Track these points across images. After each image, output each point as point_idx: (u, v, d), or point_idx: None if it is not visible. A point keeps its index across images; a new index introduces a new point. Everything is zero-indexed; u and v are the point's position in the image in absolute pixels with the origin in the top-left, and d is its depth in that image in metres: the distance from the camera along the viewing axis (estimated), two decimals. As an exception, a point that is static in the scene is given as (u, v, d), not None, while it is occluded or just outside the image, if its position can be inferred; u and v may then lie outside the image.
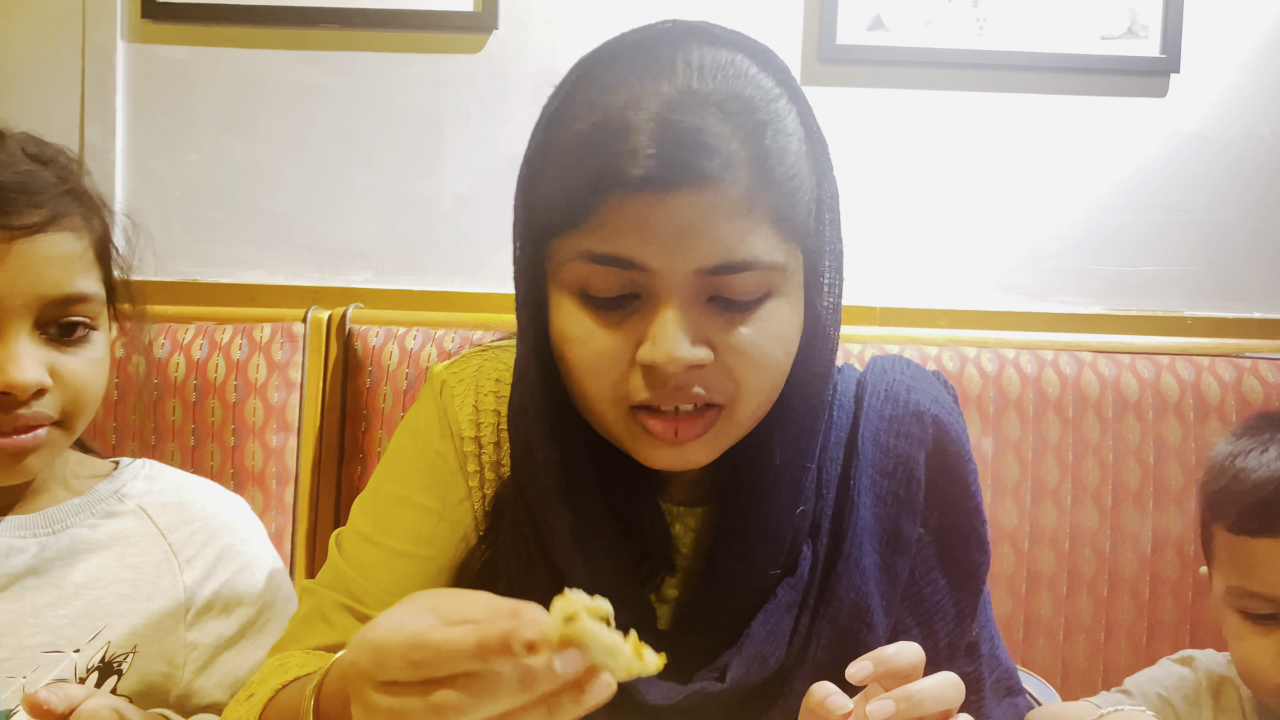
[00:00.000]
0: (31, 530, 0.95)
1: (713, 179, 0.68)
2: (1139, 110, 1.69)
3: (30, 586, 0.93)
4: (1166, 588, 1.45)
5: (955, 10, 1.67)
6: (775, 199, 0.70)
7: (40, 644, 0.92)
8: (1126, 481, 1.46)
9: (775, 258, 0.71)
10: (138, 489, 1.00)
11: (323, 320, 1.58)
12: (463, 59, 1.70)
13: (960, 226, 1.71)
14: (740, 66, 0.72)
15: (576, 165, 0.70)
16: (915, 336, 1.58)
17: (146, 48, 1.72)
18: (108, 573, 0.96)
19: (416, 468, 0.87)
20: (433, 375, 0.89)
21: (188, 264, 1.73)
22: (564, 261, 0.72)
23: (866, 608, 0.78)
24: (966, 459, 0.84)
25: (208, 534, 0.99)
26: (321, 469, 1.55)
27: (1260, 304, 1.71)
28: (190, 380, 1.48)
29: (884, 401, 0.83)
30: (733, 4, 1.66)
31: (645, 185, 0.68)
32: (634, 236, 0.69)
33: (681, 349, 0.69)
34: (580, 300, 0.72)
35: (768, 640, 0.77)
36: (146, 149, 1.73)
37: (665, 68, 0.70)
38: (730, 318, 0.71)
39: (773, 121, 0.71)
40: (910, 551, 0.81)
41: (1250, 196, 1.70)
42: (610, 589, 0.75)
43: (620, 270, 0.70)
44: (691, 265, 0.69)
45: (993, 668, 0.87)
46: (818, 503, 0.80)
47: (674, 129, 0.68)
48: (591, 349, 0.72)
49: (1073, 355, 1.51)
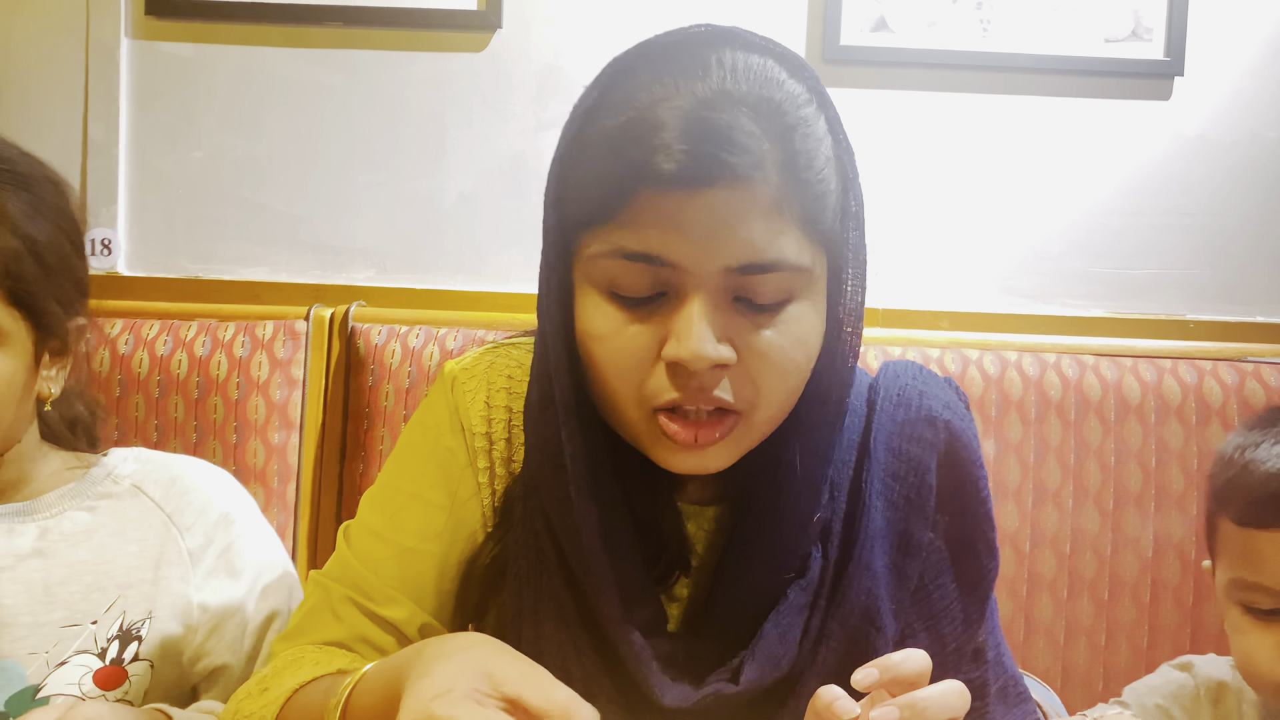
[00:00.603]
0: (29, 515, 0.97)
1: (744, 177, 0.68)
2: (1143, 113, 1.69)
3: (37, 568, 0.95)
4: (1167, 591, 1.45)
5: (959, 12, 1.67)
6: (804, 201, 0.71)
7: (58, 620, 0.95)
8: (1128, 484, 1.46)
9: (802, 260, 0.71)
10: (129, 469, 1.02)
11: (325, 318, 1.58)
12: (466, 57, 1.70)
13: (963, 228, 1.71)
14: (772, 72, 0.72)
15: (608, 161, 0.71)
16: (917, 338, 1.58)
17: (150, 44, 1.72)
18: (111, 547, 0.98)
19: (426, 463, 0.87)
20: (444, 372, 0.90)
21: (190, 261, 1.73)
22: (593, 258, 0.72)
23: (876, 610, 0.78)
24: (978, 465, 0.84)
25: (202, 502, 1.01)
26: (323, 467, 1.55)
27: (1263, 308, 1.71)
28: (193, 377, 1.48)
29: (896, 406, 0.83)
30: (736, 6, 1.66)
31: (676, 181, 0.68)
32: (664, 233, 0.69)
33: (707, 346, 0.69)
34: (608, 297, 0.73)
35: (780, 642, 0.77)
36: (150, 146, 1.73)
37: (699, 68, 0.71)
38: (754, 319, 0.72)
39: (802, 125, 0.71)
40: (920, 555, 0.81)
41: (1253, 200, 1.70)
42: (626, 587, 0.76)
43: (649, 267, 0.70)
44: (720, 263, 0.69)
45: (998, 674, 0.86)
46: (830, 506, 0.80)
47: (707, 126, 0.68)
48: (617, 346, 0.72)
49: (1075, 358, 1.51)
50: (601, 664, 0.78)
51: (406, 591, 0.84)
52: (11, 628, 0.94)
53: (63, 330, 0.96)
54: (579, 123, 0.74)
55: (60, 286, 0.94)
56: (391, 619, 0.83)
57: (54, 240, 0.94)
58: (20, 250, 0.91)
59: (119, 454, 1.04)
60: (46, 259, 0.93)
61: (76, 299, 0.97)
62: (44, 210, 0.94)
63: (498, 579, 0.83)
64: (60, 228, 0.95)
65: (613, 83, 0.73)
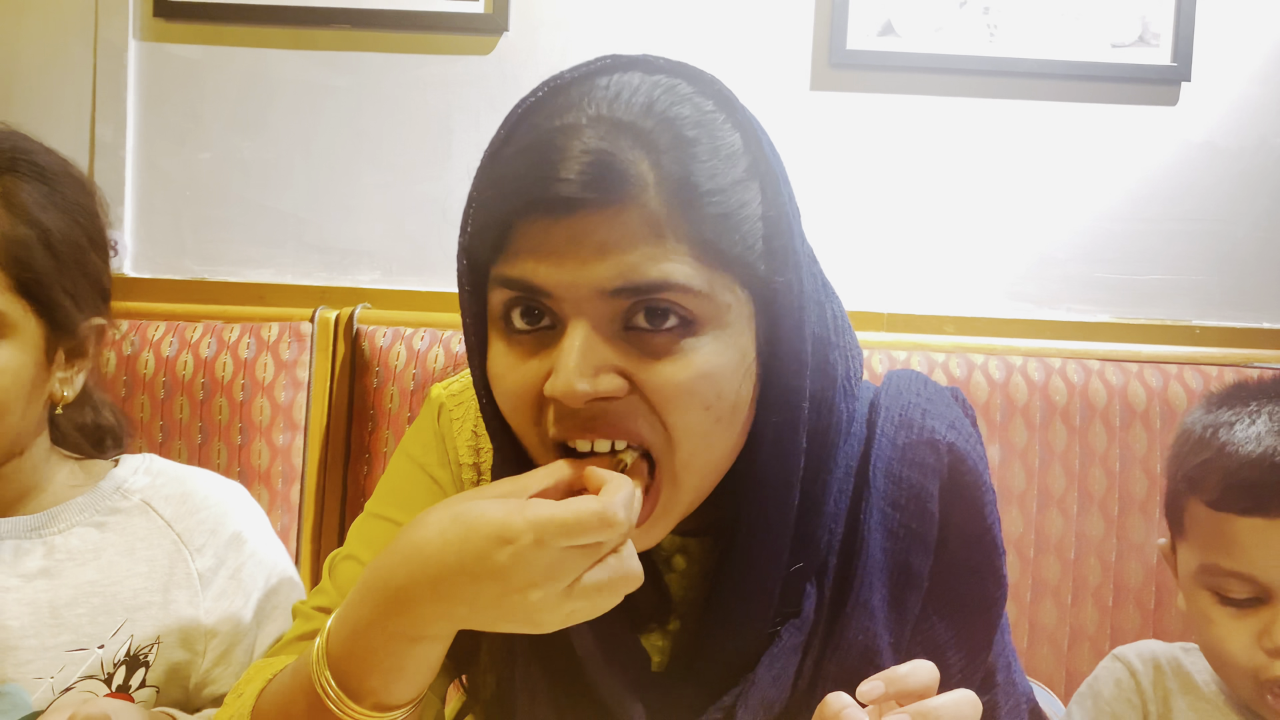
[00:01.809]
0: (36, 530, 0.94)
1: (615, 200, 0.65)
2: (1149, 118, 1.69)
3: (44, 589, 0.93)
4: (1171, 598, 1.44)
5: (966, 16, 1.67)
6: (697, 223, 0.67)
7: (64, 643, 0.92)
8: (1133, 491, 1.45)
9: (694, 284, 0.66)
10: (140, 484, 0.99)
11: (330, 320, 1.58)
12: (473, 60, 1.70)
13: (969, 233, 1.70)
14: (676, 90, 0.69)
15: (495, 197, 0.70)
16: (923, 343, 1.57)
17: (158, 46, 1.73)
18: (120, 568, 0.95)
19: (414, 494, 0.85)
20: (431, 397, 0.88)
21: (196, 262, 1.74)
22: (491, 296, 0.71)
23: (875, 649, 0.75)
24: (984, 489, 0.80)
25: (214, 522, 0.99)
26: (328, 468, 1.55)
27: (1269, 314, 1.70)
28: (198, 378, 1.48)
29: (897, 428, 0.79)
30: (743, 9, 1.66)
31: (549, 208, 0.66)
32: (536, 259, 0.67)
33: (577, 380, 0.65)
34: (504, 335, 0.71)
35: (774, 685, 0.74)
36: (157, 147, 1.73)
37: (587, 97, 0.69)
38: (648, 349, 0.67)
39: (703, 142, 0.68)
40: (922, 586, 0.77)
41: (1260, 206, 1.70)
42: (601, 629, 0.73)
43: (525, 295, 0.68)
44: (592, 287, 0.66)
45: (1009, 695, 0.83)
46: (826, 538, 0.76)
47: (578, 152, 0.66)
48: (509, 388, 0.70)
49: (1080, 363, 1.50)
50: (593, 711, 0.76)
51: None
52: (17, 651, 0.91)
53: (76, 328, 0.93)
54: (482, 163, 0.73)
55: (73, 281, 0.92)
56: None
57: (69, 234, 0.91)
58: (30, 239, 0.89)
59: (130, 464, 1.01)
60: (59, 251, 0.90)
61: (93, 298, 0.94)
62: (61, 203, 0.92)
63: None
64: (78, 223, 0.93)
65: (516, 122, 0.73)
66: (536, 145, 0.68)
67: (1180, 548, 0.97)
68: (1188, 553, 0.96)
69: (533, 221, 0.67)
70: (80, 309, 0.93)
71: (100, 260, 0.96)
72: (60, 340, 0.92)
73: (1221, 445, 0.92)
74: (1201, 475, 0.93)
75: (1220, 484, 0.91)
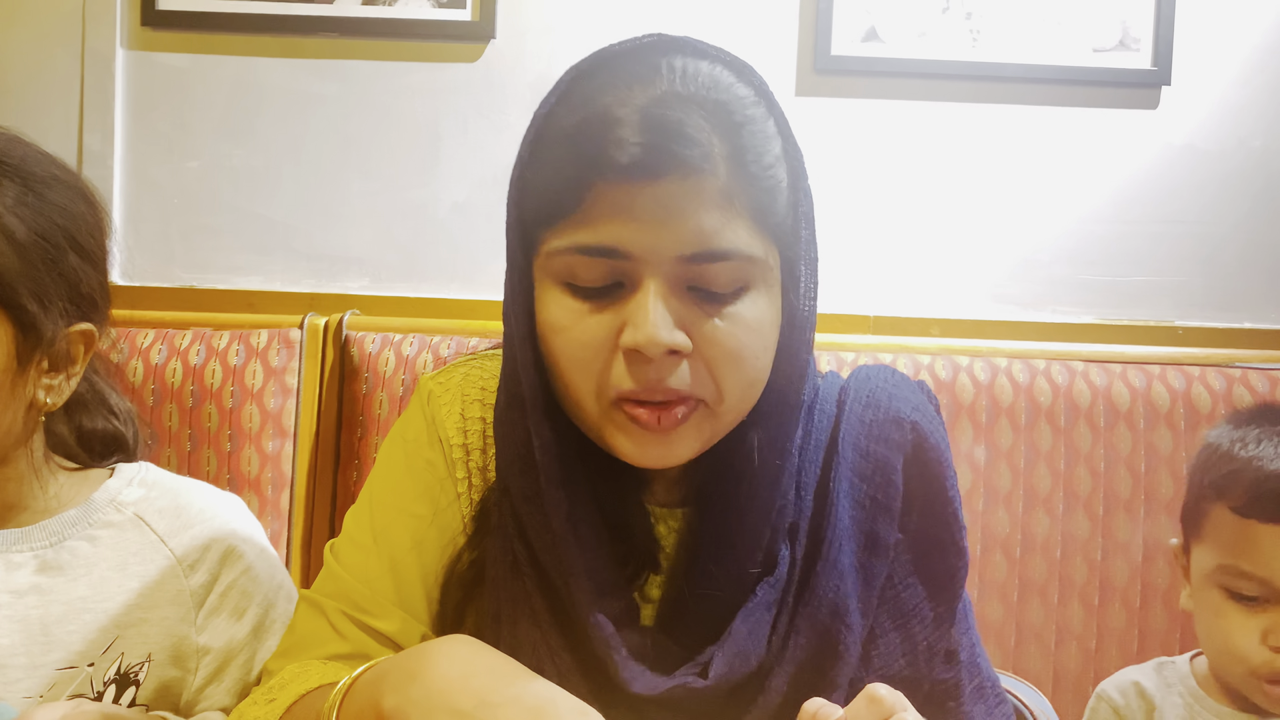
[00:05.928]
0: (28, 544, 0.93)
1: (695, 169, 0.71)
2: (1131, 122, 1.70)
3: (34, 605, 0.91)
4: (1157, 595, 1.46)
5: (949, 22, 1.69)
6: (754, 194, 0.74)
7: (54, 661, 0.91)
8: (1118, 490, 1.47)
9: (754, 250, 0.74)
10: (133, 496, 0.97)
11: (319, 327, 1.58)
12: (460, 68, 1.71)
13: (953, 236, 1.72)
14: (719, 76, 0.75)
15: (565, 158, 0.74)
16: (908, 345, 1.59)
17: (146, 55, 1.73)
18: (112, 584, 0.94)
19: (408, 475, 0.88)
20: (420, 386, 0.91)
21: (185, 270, 1.74)
22: (552, 253, 0.75)
23: (845, 607, 0.80)
24: (945, 466, 0.85)
25: (208, 537, 0.97)
26: (317, 475, 1.56)
27: (1251, 314, 1.72)
28: (187, 385, 1.48)
29: (865, 407, 0.85)
30: (728, 14, 1.67)
31: (630, 173, 0.71)
32: (619, 223, 0.71)
33: (662, 331, 0.71)
34: (566, 290, 0.75)
35: (749, 638, 0.78)
36: (145, 155, 1.74)
37: (651, 72, 0.74)
38: (708, 309, 0.74)
39: (750, 124, 0.74)
40: (888, 555, 0.83)
41: (1241, 208, 1.71)
42: (597, 577, 0.78)
43: (605, 259, 0.72)
44: (673, 251, 0.72)
45: (973, 674, 0.87)
46: (797, 505, 0.82)
47: (658, 121, 0.71)
48: (575, 338, 0.74)
49: (1065, 364, 1.52)
50: (574, 663, 0.78)
51: (401, 603, 0.85)
52: (7, 669, 0.89)
53: (49, 333, 0.89)
54: (538, 125, 0.78)
55: (41, 283, 0.88)
56: (388, 632, 0.84)
57: (45, 236, 0.88)
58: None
59: (125, 474, 0.99)
60: (30, 254, 0.87)
61: (72, 302, 0.91)
62: (37, 205, 0.89)
63: (475, 584, 0.85)
64: (59, 226, 0.90)
65: (570, 87, 0.77)
66: (611, 113, 0.72)
67: (1195, 548, 1.08)
68: (1204, 553, 1.06)
69: (614, 185, 0.71)
70: (49, 312, 0.89)
71: (85, 265, 0.92)
72: (36, 345, 0.89)
73: (1250, 458, 1.03)
74: (1229, 484, 1.03)
75: (1248, 493, 1.02)
